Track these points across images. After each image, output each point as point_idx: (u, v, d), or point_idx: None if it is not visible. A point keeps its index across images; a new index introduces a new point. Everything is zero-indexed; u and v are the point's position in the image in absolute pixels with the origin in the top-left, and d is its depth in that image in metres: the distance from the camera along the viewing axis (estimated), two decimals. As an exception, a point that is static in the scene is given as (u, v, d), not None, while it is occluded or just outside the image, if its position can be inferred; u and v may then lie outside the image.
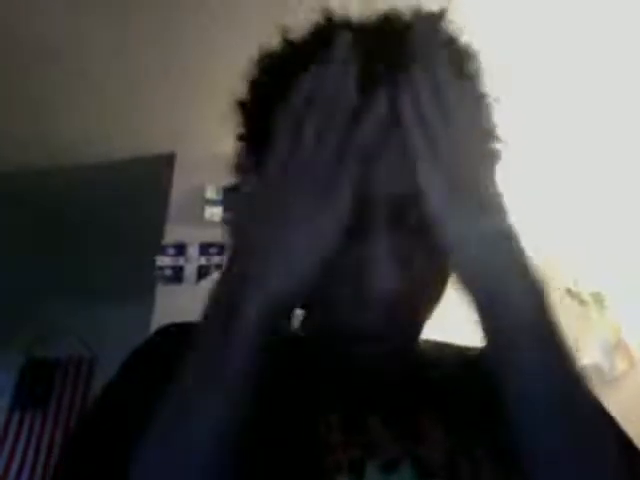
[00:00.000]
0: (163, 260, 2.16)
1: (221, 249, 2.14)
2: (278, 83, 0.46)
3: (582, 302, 2.86)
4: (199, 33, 1.89)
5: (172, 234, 2.22)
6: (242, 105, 0.52)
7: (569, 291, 2.92)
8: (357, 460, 0.40)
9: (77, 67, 2.03)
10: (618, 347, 2.51)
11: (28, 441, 3.29)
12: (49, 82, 2.11)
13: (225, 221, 2.16)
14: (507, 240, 0.40)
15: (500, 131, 0.48)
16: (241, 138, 0.51)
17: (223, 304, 0.41)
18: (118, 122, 2.32)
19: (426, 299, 0.46)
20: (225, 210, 2.19)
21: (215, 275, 2.13)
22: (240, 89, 0.59)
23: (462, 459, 0.41)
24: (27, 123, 2.32)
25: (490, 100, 0.49)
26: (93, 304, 3.45)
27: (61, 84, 2.12)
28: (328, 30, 0.46)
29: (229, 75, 0.71)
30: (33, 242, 3.11)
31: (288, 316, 0.50)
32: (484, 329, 0.39)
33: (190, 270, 2.14)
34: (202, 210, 2.23)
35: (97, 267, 3.29)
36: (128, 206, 2.75)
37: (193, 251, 2.17)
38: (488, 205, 0.41)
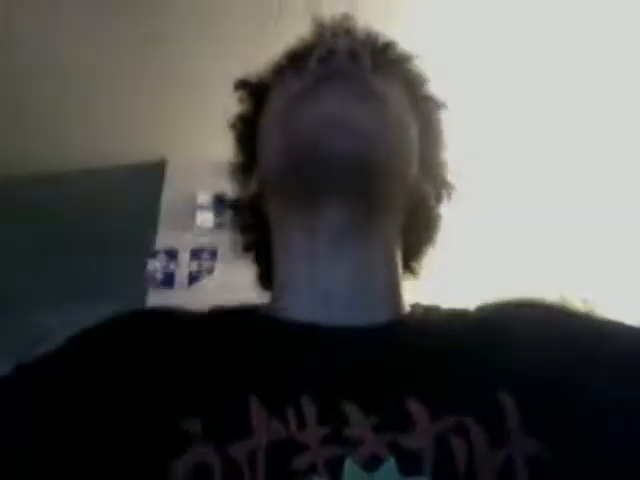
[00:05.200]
0: (154, 265, 2.16)
1: (212, 254, 2.14)
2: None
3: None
4: (191, 40, 1.90)
5: (163, 240, 2.22)
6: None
7: (563, 300, 2.95)
8: (335, 459, 0.36)
9: (68, 74, 2.03)
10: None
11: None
12: (39, 89, 2.11)
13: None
14: None
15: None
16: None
17: None
18: (109, 128, 2.32)
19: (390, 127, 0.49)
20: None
21: (206, 280, 2.13)
22: (231, 97, 0.61)
23: (456, 441, 0.36)
24: (15, 130, 2.31)
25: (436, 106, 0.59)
26: (84, 309, 3.43)
27: (52, 91, 2.11)
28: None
29: (221, 82, 0.72)
30: (22, 246, 3.10)
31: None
32: None
33: (181, 275, 2.14)
34: (193, 216, 2.23)
35: (88, 272, 3.28)
36: (119, 212, 2.75)
37: (184, 256, 2.17)
38: None
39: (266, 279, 0.59)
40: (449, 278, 2.80)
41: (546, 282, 3.02)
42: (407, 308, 0.51)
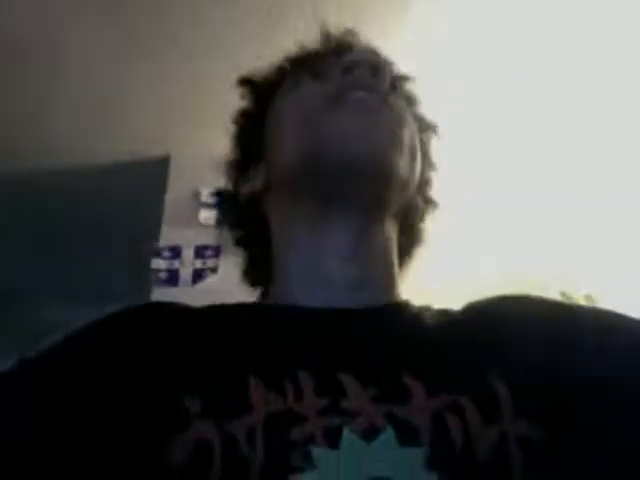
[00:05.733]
0: (158, 263, 2.16)
1: (216, 252, 2.15)
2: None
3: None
4: (195, 36, 1.90)
5: (167, 237, 2.22)
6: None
7: (563, 294, 2.95)
8: (332, 428, 0.36)
9: (73, 69, 2.04)
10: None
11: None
12: (45, 83, 2.11)
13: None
14: None
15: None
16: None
17: None
18: (113, 124, 2.32)
19: (403, 136, 0.52)
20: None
21: (210, 278, 2.13)
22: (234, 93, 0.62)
23: (451, 418, 0.37)
24: (20, 125, 2.32)
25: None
26: (87, 307, 3.44)
27: (57, 85, 2.12)
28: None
29: (225, 78, 0.72)
30: (25, 243, 3.11)
31: None
32: None
33: (185, 273, 2.15)
34: (197, 213, 2.23)
35: (91, 269, 3.29)
36: (123, 209, 2.75)
37: (188, 254, 2.17)
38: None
39: (254, 274, 0.62)
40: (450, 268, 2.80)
41: (547, 274, 3.03)
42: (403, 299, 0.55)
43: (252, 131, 0.62)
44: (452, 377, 0.41)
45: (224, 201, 0.65)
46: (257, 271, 0.62)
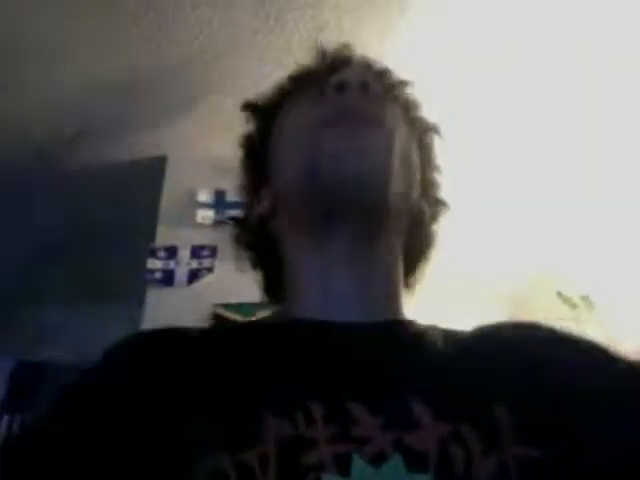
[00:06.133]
0: (154, 263, 2.15)
1: (212, 252, 2.14)
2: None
3: (573, 305, 2.91)
4: (192, 35, 1.89)
5: (163, 237, 2.21)
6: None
7: (560, 295, 2.96)
8: (342, 455, 0.38)
9: (70, 69, 2.03)
10: (608, 345, 2.56)
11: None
12: (40, 82, 2.10)
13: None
14: None
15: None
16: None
17: None
18: (110, 124, 2.31)
19: (397, 150, 0.54)
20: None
21: (206, 278, 2.13)
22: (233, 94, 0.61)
23: (454, 447, 0.39)
24: (12, 123, 2.31)
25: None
26: (84, 307, 3.43)
27: (53, 84, 2.11)
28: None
29: (222, 79, 0.72)
30: (21, 245, 3.10)
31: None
32: None
33: (181, 273, 2.14)
34: (193, 213, 2.22)
35: (88, 270, 3.28)
36: (120, 208, 2.74)
37: (184, 254, 2.16)
38: None
39: (272, 291, 0.65)
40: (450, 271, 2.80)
41: (545, 278, 3.03)
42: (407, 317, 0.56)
43: (258, 155, 0.64)
44: (456, 403, 0.42)
45: (237, 226, 0.67)
46: (274, 290, 0.64)
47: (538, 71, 1.98)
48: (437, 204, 0.66)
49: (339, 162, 0.52)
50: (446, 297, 2.58)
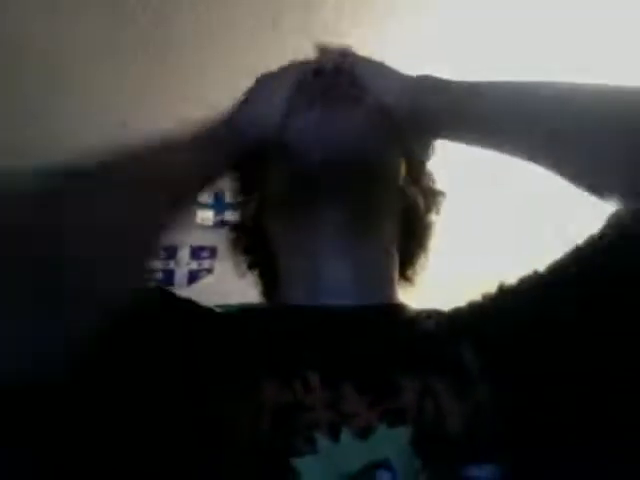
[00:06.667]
0: (154, 263, 2.15)
1: (212, 252, 2.14)
2: None
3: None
4: (192, 34, 1.89)
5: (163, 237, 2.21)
6: None
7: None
8: (334, 424, 0.42)
9: (65, 67, 2.03)
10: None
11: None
12: (36, 82, 2.10)
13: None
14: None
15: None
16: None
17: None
18: (107, 122, 2.31)
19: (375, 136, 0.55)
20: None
21: (206, 279, 2.13)
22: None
23: (428, 399, 0.43)
24: (14, 124, 2.30)
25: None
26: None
27: (50, 83, 2.11)
28: None
29: (222, 79, 0.72)
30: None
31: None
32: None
33: (181, 274, 2.14)
34: (193, 213, 2.22)
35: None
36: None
37: (184, 254, 2.16)
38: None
39: (270, 293, 0.66)
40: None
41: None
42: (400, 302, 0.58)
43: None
44: (428, 360, 0.47)
45: (232, 230, 0.68)
46: (271, 290, 0.65)
47: (532, 73, 1.98)
48: (431, 194, 0.66)
49: (319, 140, 0.53)
50: (443, 297, 2.57)
